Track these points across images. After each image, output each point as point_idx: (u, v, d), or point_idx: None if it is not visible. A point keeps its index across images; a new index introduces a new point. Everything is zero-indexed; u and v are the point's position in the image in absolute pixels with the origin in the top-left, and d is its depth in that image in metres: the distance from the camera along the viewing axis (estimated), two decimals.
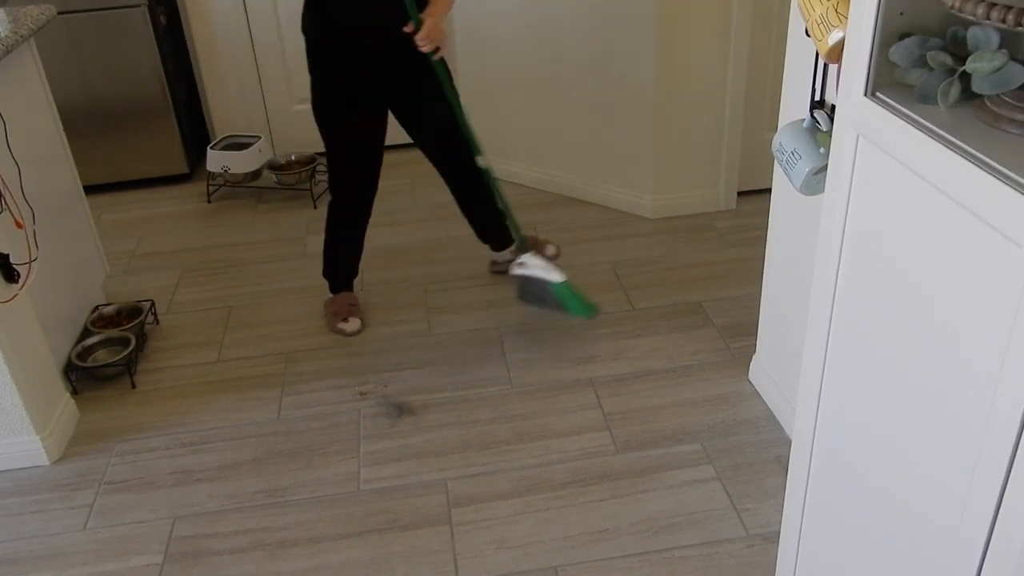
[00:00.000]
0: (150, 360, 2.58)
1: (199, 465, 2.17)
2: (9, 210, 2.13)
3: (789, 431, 2.15)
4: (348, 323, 2.66)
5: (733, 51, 2.97)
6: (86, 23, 3.35)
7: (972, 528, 0.97)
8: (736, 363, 2.42)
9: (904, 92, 1.06)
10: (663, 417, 2.23)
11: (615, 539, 1.89)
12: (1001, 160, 0.88)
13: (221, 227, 3.37)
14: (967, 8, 0.94)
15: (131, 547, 1.94)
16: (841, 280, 1.22)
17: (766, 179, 2.25)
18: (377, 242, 3.15)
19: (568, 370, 2.43)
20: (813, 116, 1.71)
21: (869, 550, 1.25)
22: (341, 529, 1.96)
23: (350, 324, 2.66)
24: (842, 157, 1.17)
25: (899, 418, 1.11)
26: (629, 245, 3.04)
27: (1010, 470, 0.90)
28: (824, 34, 1.46)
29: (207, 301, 2.87)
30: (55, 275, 2.44)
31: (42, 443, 2.17)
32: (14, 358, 2.08)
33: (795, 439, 1.43)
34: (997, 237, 0.88)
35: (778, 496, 1.96)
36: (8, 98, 2.25)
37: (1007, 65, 0.97)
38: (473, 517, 1.97)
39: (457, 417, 2.28)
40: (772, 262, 2.20)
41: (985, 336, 0.92)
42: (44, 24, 2.40)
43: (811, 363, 1.34)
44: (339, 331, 2.66)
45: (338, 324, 2.66)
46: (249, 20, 3.63)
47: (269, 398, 2.39)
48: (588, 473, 2.07)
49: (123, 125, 3.55)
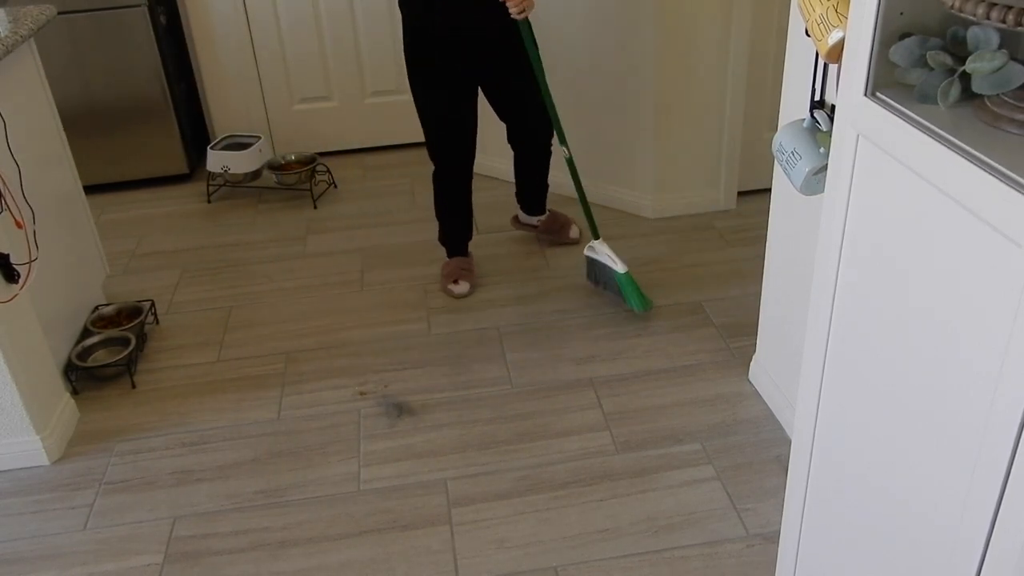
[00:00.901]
0: (150, 360, 2.58)
1: (199, 465, 2.17)
2: (9, 210, 2.13)
3: (789, 431, 2.15)
4: (458, 285, 2.79)
5: (733, 51, 2.97)
6: (86, 23, 3.35)
7: (972, 528, 0.97)
8: (736, 363, 2.42)
9: (904, 92, 1.06)
10: (663, 417, 2.23)
11: (615, 539, 1.89)
12: (1001, 160, 0.88)
13: (221, 227, 3.37)
14: (967, 8, 0.94)
15: (131, 547, 1.94)
16: (841, 280, 1.22)
17: (766, 179, 2.25)
18: (377, 242, 3.15)
19: (568, 370, 2.43)
20: (813, 116, 1.71)
21: (869, 550, 1.25)
22: (341, 529, 1.96)
23: (459, 286, 2.78)
24: (842, 157, 1.17)
25: (899, 418, 1.11)
26: (629, 245, 3.04)
27: (1010, 470, 0.90)
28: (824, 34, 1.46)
29: (207, 301, 2.87)
30: (55, 275, 2.44)
31: (42, 443, 2.17)
32: (14, 358, 2.08)
33: (795, 439, 1.43)
34: (997, 237, 0.88)
35: (778, 496, 1.96)
36: (8, 98, 2.25)
37: (1007, 65, 0.97)
38: (473, 517, 1.97)
39: (457, 417, 2.28)
40: (772, 262, 2.20)
41: (985, 336, 0.92)
42: (44, 24, 2.40)
43: (811, 363, 1.34)
44: (448, 292, 2.79)
45: (448, 285, 2.80)
46: (249, 20, 3.63)
47: (269, 398, 2.39)
48: (588, 473, 2.07)
49: (123, 125, 3.55)
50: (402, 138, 3.95)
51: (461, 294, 2.78)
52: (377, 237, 3.19)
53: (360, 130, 3.93)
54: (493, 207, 3.35)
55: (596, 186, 3.31)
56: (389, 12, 3.70)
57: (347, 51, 3.75)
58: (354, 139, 3.96)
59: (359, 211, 3.42)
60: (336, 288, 2.90)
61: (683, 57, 2.97)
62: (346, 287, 2.90)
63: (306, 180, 3.54)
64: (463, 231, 2.85)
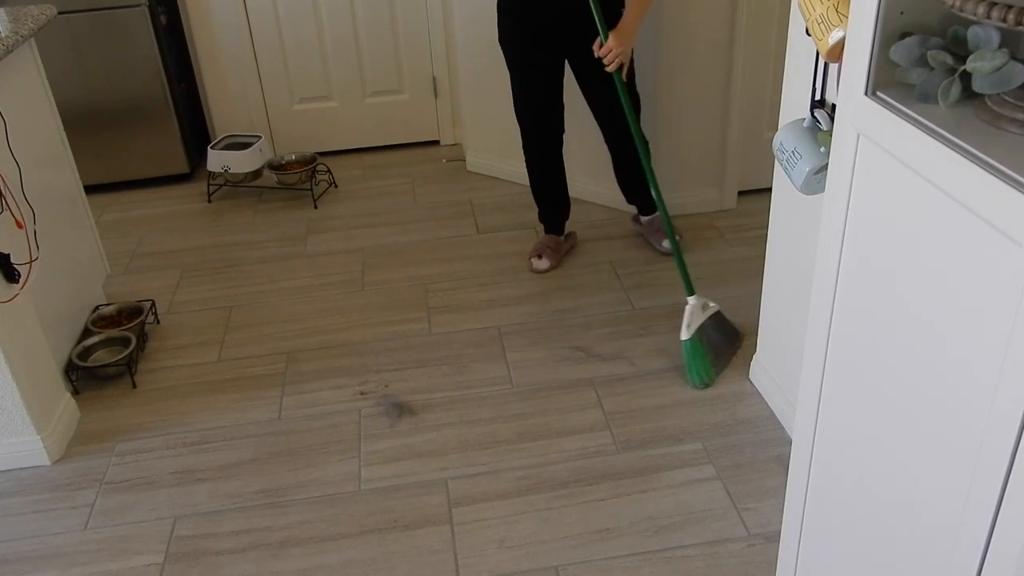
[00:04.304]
0: (151, 360, 2.58)
1: (200, 465, 2.17)
2: (9, 210, 2.13)
3: (790, 430, 2.15)
4: (541, 260, 2.88)
5: (733, 51, 2.97)
6: (86, 23, 3.35)
7: (972, 528, 0.97)
8: (737, 362, 2.42)
9: (905, 91, 1.06)
10: (664, 417, 2.23)
11: (616, 539, 1.89)
12: (1002, 159, 0.88)
13: (221, 227, 3.37)
14: (968, 7, 0.94)
15: (132, 547, 1.94)
16: (841, 280, 1.22)
17: (767, 178, 2.24)
18: (377, 242, 3.16)
19: (568, 370, 2.43)
20: (814, 115, 1.71)
21: (870, 550, 1.25)
22: (341, 529, 1.96)
23: (541, 262, 2.88)
24: (842, 156, 1.17)
25: (900, 417, 1.11)
26: (629, 245, 3.04)
27: (1010, 470, 0.90)
28: (824, 33, 1.46)
29: (207, 301, 2.87)
30: (56, 275, 2.44)
31: (43, 443, 2.17)
32: (15, 358, 2.08)
33: (795, 438, 1.43)
34: (998, 236, 0.88)
35: (779, 495, 1.96)
36: (8, 98, 2.25)
37: (1008, 64, 0.96)
38: (474, 517, 1.97)
39: (457, 417, 2.28)
40: (773, 261, 2.20)
41: (986, 335, 0.92)
42: (44, 24, 2.40)
43: (811, 362, 1.34)
44: (529, 265, 2.90)
45: (530, 258, 2.91)
46: (249, 20, 3.63)
47: (269, 398, 2.39)
48: (589, 473, 2.07)
49: (123, 125, 3.55)
50: (402, 138, 3.95)
51: (540, 269, 2.88)
52: (377, 237, 3.19)
53: (360, 130, 3.93)
54: (494, 207, 3.36)
55: (597, 186, 3.31)
56: (389, 12, 3.70)
57: (347, 51, 3.75)
58: (354, 139, 3.96)
59: (359, 211, 3.42)
60: (336, 288, 2.90)
61: (683, 57, 2.96)
62: (346, 287, 2.90)
63: (306, 180, 3.54)
64: (554, 210, 2.94)
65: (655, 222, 2.98)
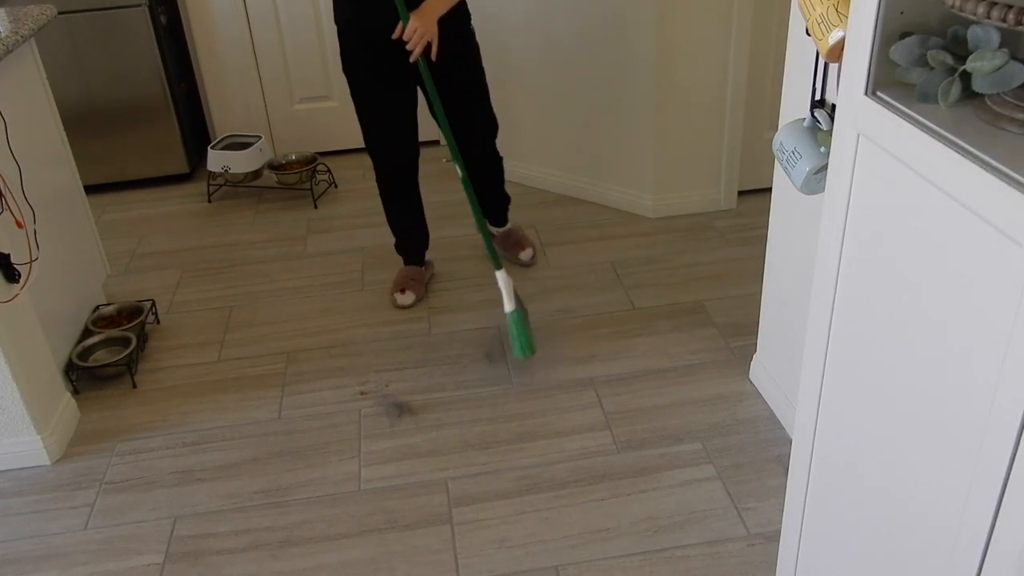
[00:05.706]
0: (151, 360, 2.58)
1: (200, 465, 2.17)
2: (10, 210, 2.13)
3: (790, 430, 2.15)
4: (404, 295, 2.76)
5: (733, 51, 2.97)
6: (86, 23, 3.35)
7: (972, 528, 0.97)
8: (737, 362, 2.42)
9: (905, 91, 1.06)
10: (664, 416, 2.23)
11: (616, 538, 1.89)
12: (1002, 159, 0.88)
13: (221, 227, 3.37)
14: (967, 7, 0.94)
15: (132, 547, 1.94)
16: (841, 280, 1.22)
17: (767, 178, 2.25)
18: (377, 242, 3.15)
19: (568, 370, 2.43)
20: (813, 115, 1.71)
21: (869, 550, 1.25)
22: (341, 529, 1.96)
23: (405, 296, 2.75)
24: (842, 156, 1.17)
25: (900, 417, 1.11)
26: (629, 244, 3.04)
27: (1010, 470, 0.90)
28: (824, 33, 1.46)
29: (208, 301, 2.87)
30: (55, 275, 2.44)
31: (43, 443, 2.17)
32: (15, 358, 2.08)
33: (795, 438, 1.43)
34: (998, 236, 0.88)
35: (779, 495, 1.96)
36: (8, 98, 2.25)
37: (1008, 64, 0.97)
38: (474, 517, 1.97)
39: (457, 417, 2.28)
40: (773, 261, 2.20)
41: (986, 334, 0.92)
42: (44, 24, 2.40)
43: (811, 362, 1.34)
44: (393, 301, 2.77)
45: (393, 293, 2.78)
46: (249, 20, 3.63)
47: (269, 398, 2.39)
48: (589, 472, 2.07)
49: (123, 125, 3.55)
50: None
51: (403, 304, 2.74)
52: (377, 237, 3.18)
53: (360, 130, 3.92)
54: None
55: (596, 185, 3.31)
56: None
57: None
58: (354, 139, 3.95)
59: (359, 211, 3.42)
60: (336, 288, 2.90)
61: (683, 56, 2.96)
62: (346, 287, 2.90)
63: (306, 180, 3.54)
64: (410, 241, 2.82)
65: (511, 235, 2.96)
